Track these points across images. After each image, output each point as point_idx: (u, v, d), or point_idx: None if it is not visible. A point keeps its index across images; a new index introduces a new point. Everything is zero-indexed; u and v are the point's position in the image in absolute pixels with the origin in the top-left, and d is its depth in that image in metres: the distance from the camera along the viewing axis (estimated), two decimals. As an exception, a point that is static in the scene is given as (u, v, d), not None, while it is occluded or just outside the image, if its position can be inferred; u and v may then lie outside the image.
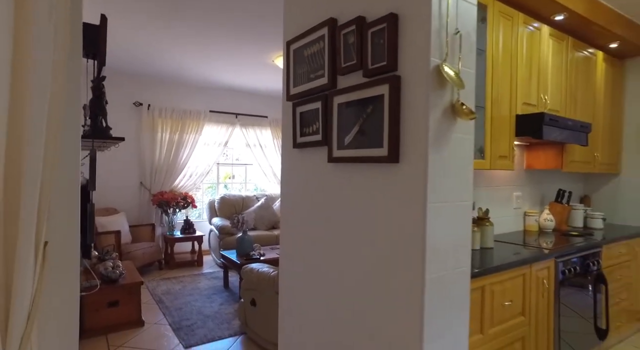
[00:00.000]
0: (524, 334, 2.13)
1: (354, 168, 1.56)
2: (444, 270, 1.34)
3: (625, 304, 3.04)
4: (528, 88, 2.63)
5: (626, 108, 3.67)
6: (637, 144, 3.59)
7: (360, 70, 1.51)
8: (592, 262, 2.64)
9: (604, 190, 3.80)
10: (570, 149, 3.07)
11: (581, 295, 2.56)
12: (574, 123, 2.75)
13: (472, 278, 1.76)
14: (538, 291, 2.21)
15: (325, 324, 1.73)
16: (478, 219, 2.43)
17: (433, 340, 1.32)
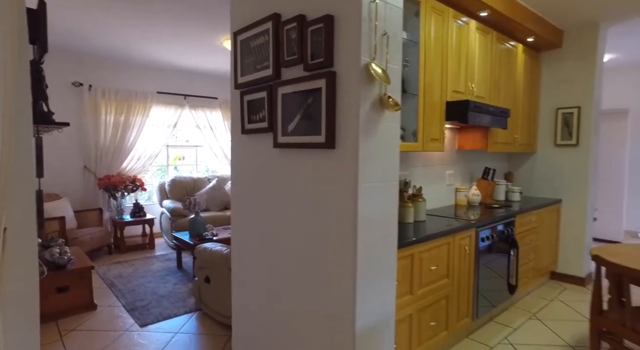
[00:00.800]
0: (448, 293, 2.48)
1: (297, 153, 1.74)
2: (374, 240, 1.58)
3: (533, 264, 3.55)
4: (457, 77, 2.93)
5: (542, 95, 4.14)
6: (549, 126, 4.08)
7: (301, 64, 1.67)
8: (507, 230, 3.06)
9: (523, 167, 4.31)
10: (494, 131, 3.46)
11: (497, 258, 2.97)
12: (495, 109, 3.11)
13: (403, 247, 2.04)
14: (461, 256, 2.57)
15: (274, 293, 1.93)
16: (412, 196, 2.72)
17: (364, 300, 1.57)
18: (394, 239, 1.69)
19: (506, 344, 2.71)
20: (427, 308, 2.31)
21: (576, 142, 3.89)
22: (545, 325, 3.01)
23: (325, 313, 1.65)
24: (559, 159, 4.03)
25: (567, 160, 3.98)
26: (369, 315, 1.60)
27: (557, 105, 4.03)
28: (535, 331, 2.90)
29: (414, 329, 2.22)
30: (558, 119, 4.01)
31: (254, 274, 2.08)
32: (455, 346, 2.66)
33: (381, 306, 1.67)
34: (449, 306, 2.50)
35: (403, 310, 2.12)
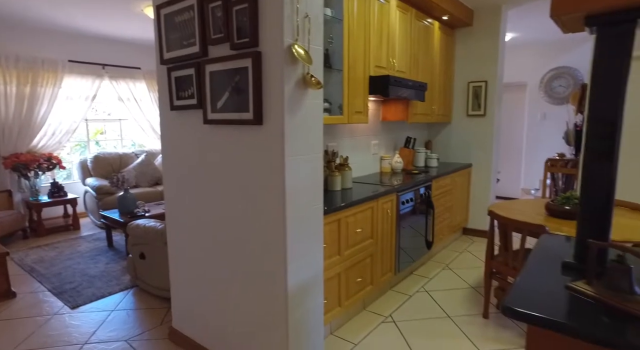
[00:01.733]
0: (372, 252, 2.77)
1: (227, 129, 1.82)
2: (301, 208, 1.75)
3: (447, 222, 4.04)
4: (379, 53, 3.12)
5: (456, 69, 4.53)
6: (462, 99, 4.52)
7: (228, 42, 1.72)
8: (425, 193, 3.43)
9: (440, 135, 4.75)
10: (414, 103, 3.76)
11: (416, 219, 3.35)
12: (413, 83, 3.38)
13: (330, 213, 2.24)
14: (384, 219, 2.86)
15: (209, 261, 2.04)
16: (340, 165, 2.93)
17: (295, 260, 1.75)
18: (320, 206, 1.88)
19: (422, 291, 3.12)
20: (354, 266, 2.59)
21: (484, 113, 4.37)
22: (455, 273, 3.49)
23: (259, 274, 1.81)
24: (470, 128, 4.51)
25: (477, 129, 4.46)
26: (299, 273, 1.79)
27: (468, 79, 4.45)
28: (447, 279, 3.36)
29: (343, 285, 2.48)
30: (469, 92, 4.45)
31: (191, 246, 2.16)
32: (380, 298, 3.01)
33: (310, 266, 1.86)
34: (374, 263, 2.80)
35: (332, 269, 2.36)
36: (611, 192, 1.26)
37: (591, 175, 1.28)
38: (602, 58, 1.17)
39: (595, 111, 1.24)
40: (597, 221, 1.29)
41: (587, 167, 1.29)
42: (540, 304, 1.07)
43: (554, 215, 2.61)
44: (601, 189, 1.27)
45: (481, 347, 2.34)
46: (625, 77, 1.15)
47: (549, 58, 5.98)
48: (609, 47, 1.12)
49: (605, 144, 1.23)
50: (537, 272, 1.30)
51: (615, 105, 1.20)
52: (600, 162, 1.26)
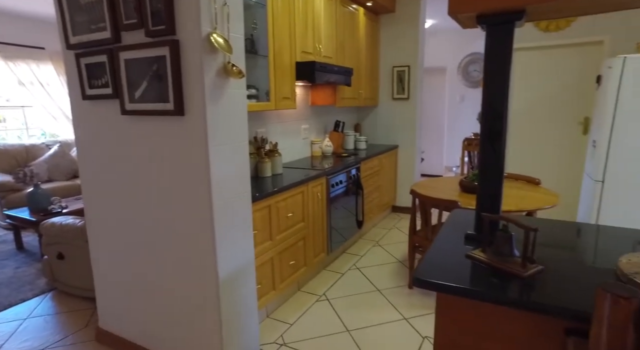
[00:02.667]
0: (304, 235, 2.86)
1: (148, 120, 1.75)
2: (228, 197, 1.75)
3: (377, 201, 4.27)
4: (305, 39, 3.14)
5: (381, 54, 4.71)
6: (387, 82, 4.72)
7: (142, 29, 1.63)
8: (354, 175, 3.59)
9: (368, 118, 4.94)
10: (341, 88, 3.86)
11: (347, 200, 3.49)
12: (339, 68, 3.46)
13: (260, 199, 2.27)
14: (314, 202, 2.95)
15: (135, 256, 1.98)
16: (269, 151, 2.95)
17: (225, 250, 1.76)
18: (247, 194, 1.90)
19: (354, 269, 3.30)
20: (287, 250, 2.66)
21: (407, 96, 4.62)
22: (384, 249, 3.73)
23: (189, 267, 1.80)
24: (395, 111, 4.75)
25: (401, 112, 4.71)
26: (230, 263, 1.81)
27: (393, 63, 4.65)
28: (377, 255, 3.59)
29: (276, 269, 2.55)
30: (394, 76, 4.66)
31: (114, 242, 2.07)
32: (314, 278, 3.14)
33: (241, 254, 1.89)
34: (306, 246, 2.90)
35: (265, 255, 2.41)
36: (500, 169, 1.44)
37: (484, 155, 1.45)
38: (491, 50, 1.32)
39: (487, 96, 1.40)
40: (490, 196, 1.48)
41: (481, 147, 1.46)
42: (445, 273, 1.21)
43: (466, 191, 2.89)
44: (492, 167, 1.45)
45: (406, 314, 2.56)
46: (508, 67, 1.32)
47: (465, 44, 6.44)
48: (495, 42, 1.27)
49: (495, 126, 1.40)
50: (446, 244, 1.46)
51: (502, 91, 1.36)
52: (491, 142, 1.43)
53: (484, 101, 1.43)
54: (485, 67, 1.39)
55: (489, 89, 1.40)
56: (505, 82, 1.36)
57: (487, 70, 1.38)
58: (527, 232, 1.21)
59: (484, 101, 1.43)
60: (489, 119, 1.42)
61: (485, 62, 1.38)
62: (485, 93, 1.42)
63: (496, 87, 1.38)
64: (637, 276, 1.13)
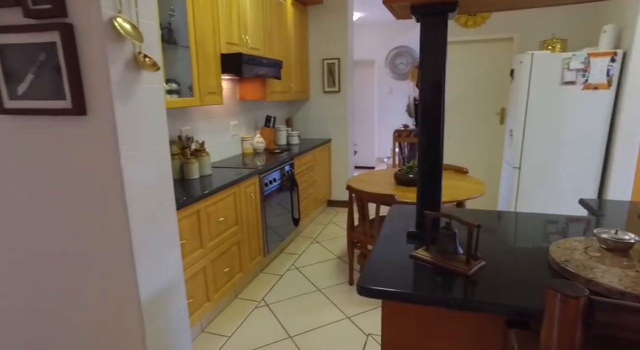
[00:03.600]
0: (239, 238, 2.68)
1: (37, 120, 1.45)
2: (148, 209, 1.53)
3: (312, 197, 4.20)
4: (230, 29, 2.92)
5: (310, 46, 4.61)
6: (318, 75, 4.65)
7: (19, 7, 1.33)
8: (288, 172, 3.47)
9: (300, 112, 4.83)
10: (271, 81, 3.70)
11: (282, 197, 3.37)
12: (268, 61, 3.30)
13: (187, 205, 2.05)
14: (248, 203, 2.78)
15: (34, 286, 1.67)
16: (196, 151, 2.71)
17: (147, 269, 1.54)
18: (171, 202, 1.69)
19: (293, 269, 3.20)
20: (221, 256, 2.47)
21: (338, 89, 4.59)
22: (323, 245, 3.68)
23: (104, 294, 1.55)
24: (327, 104, 4.69)
25: (333, 105, 4.67)
26: (154, 284, 1.59)
27: (322, 56, 4.58)
28: (315, 252, 3.52)
29: (210, 279, 2.35)
30: (324, 69, 4.59)
31: (9, 275, 1.72)
32: (251, 283, 2.98)
33: (167, 271, 1.68)
34: (241, 250, 2.72)
35: (196, 265, 2.20)
36: (439, 163, 1.42)
37: (423, 148, 1.42)
38: (426, 42, 1.28)
39: (423, 87, 1.36)
40: (430, 192, 1.45)
41: (420, 140, 1.42)
42: (389, 278, 1.15)
43: (401, 184, 2.92)
44: (431, 160, 1.42)
45: (348, 312, 2.53)
46: (443, 57, 1.28)
47: (392, 37, 6.59)
48: (429, 33, 1.22)
49: (433, 117, 1.37)
50: (388, 243, 1.41)
51: (438, 82, 1.33)
52: (429, 133, 1.40)
53: (421, 92, 1.39)
54: (420, 59, 1.35)
55: (425, 80, 1.37)
56: (440, 73, 1.33)
57: (422, 62, 1.34)
58: (471, 229, 1.19)
59: (421, 92, 1.39)
60: (426, 109, 1.38)
61: (420, 54, 1.33)
62: (421, 84, 1.38)
63: (432, 78, 1.35)
64: (568, 264, 1.17)
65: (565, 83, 3.17)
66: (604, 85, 3.10)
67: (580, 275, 1.10)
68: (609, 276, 1.09)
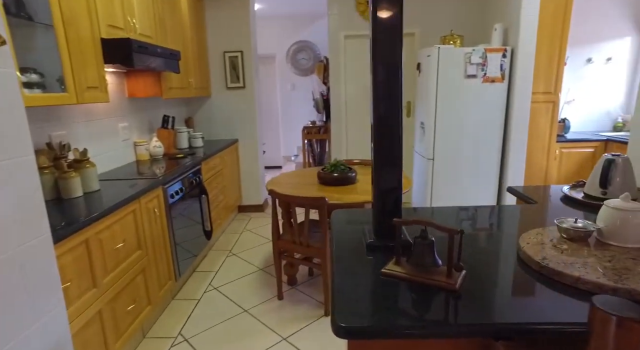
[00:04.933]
0: (144, 265, 2.19)
1: None
2: (5, 252, 1.04)
3: (223, 204, 3.79)
4: (111, 8, 2.36)
5: (209, 38, 4.15)
6: (220, 70, 4.21)
7: None
8: (195, 179, 3.01)
9: (201, 111, 4.33)
10: (167, 76, 3.17)
11: (190, 209, 2.91)
12: (163, 50, 2.80)
13: (70, 234, 1.54)
14: (151, 221, 2.29)
15: None
16: (76, 162, 2.12)
17: (9, 341, 1.05)
18: (45, 236, 1.20)
19: (211, 290, 2.78)
20: (122, 292, 1.96)
21: (243, 85, 4.22)
22: (241, 258, 3.31)
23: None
24: (232, 102, 4.28)
25: (238, 102, 4.28)
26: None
27: (223, 48, 4.15)
28: (234, 267, 3.13)
29: (109, 325, 1.84)
30: (226, 63, 4.17)
31: None
32: (163, 314, 2.49)
33: (46, 333, 1.19)
34: (148, 278, 2.24)
35: (89, 311, 1.69)
36: (399, 159, 1.23)
37: (380, 144, 1.22)
38: (378, 31, 1.07)
39: (377, 77, 1.16)
40: (389, 195, 1.26)
41: (376, 135, 1.22)
42: (370, 307, 0.91)
43: (326, 184, 2.73)
44: (389, 158, 1.23)
45: (283, 333, 2.24)
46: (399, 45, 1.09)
47: (293, 32, 6.40)
48: (381, 21, 1.01)
49: (390, 108, 1.18)
50: (348, 260, 1.17)
51: (396, 71, 1.14)
52: (386, 128, 1.21)
53: (375, 83, 1.18)
54: (372, 48, 1.15)
55: (377, 69, 1.16)
56: (397, 59, 1.14)
57: (377, 47, 1.14)
58: (451, 235, 1.02)
59: (375, 83, 1.18)
60: (381, 101, 1.18)
61: (372, 44, 1.13)
62: (375, 74, 1.18)
63: (388, 66, 1.15)
64: (549, 262, 1.08)
65: (468, 76, 3.34)
66: (499, 79, 3.34)
67: (566, 273, 1.01)
68: (591, 271, 1.02)
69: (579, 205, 1.69)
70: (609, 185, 1.72)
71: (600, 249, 1.16)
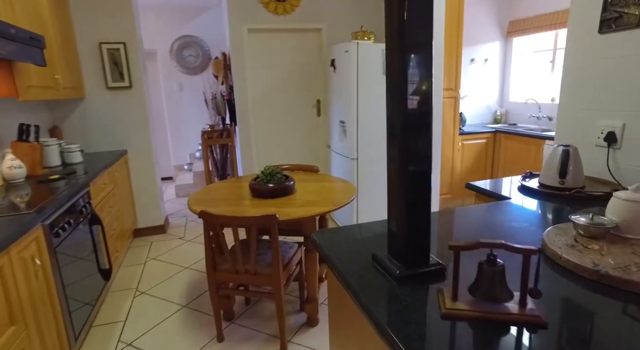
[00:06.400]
0: (23, 346, 1.49)
1: None
2: None
3: (117, 232, 3.04)
4: None
5: (77, 23, 3.28)
6: (96, 65, 3.37)
7: None
8: (84, 206, 2.29)
9: (73, 118, 3.42)
10: (24, 69, 2.34)
11: (79, 247, 2.19)
12: (19, 31, 2.01)
13: None
14: (29, 277, 1.59)
15: None
16: None
17: None
18: None
19: (124, 348, 2.12)
20: (-5, 396, 1.28)
21: (129, 84, 3.46)
22: (153, 295, 2.66)
23: None
24: (115, 104, 3.48)
25: (125, 105, 3.51)
26: None
27: (99, 39, 3.33)
28: (147, 309, 2.49)
29: None
30: (104, 57, 3.36)
31: None
32: (56, 400, 1.78)
33: None
34: (33, 359, 1.54)
35: None
36: (429, 174, 0.98)
37: (407, 158, 0.94)
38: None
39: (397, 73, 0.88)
40: (419, 211, 0.99)
41: (396, 141, 0.94)
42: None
43: (261, 196, 2.32)
44: (422, 175, 0.97)
45: (237, 388, 1.79)
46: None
47: (175, 25, 5.63)
48: None
49: (421, 108, 0.92)
50: (377, 302, 0.87)
51: (426, 59, 0.87)
52: (418, 141, 0.95)
53: (401, 74, 0.90)
54: (399, 33, 0.86)
55: (406, 57, 0.89)
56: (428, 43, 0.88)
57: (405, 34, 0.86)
58: (527, 256, 0.80)
59: (401, 74, 0.90)
60: (411, 96, 0.91)
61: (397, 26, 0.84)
62: (403, 62, 0.89)
63: (418, 55, 0.88)
64: (602, 268, 0.95)
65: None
66: (414, 75, 3.37)
67: (623, 278, 0.90)
68: (629, 270, 0.93)
69: (550, 197, 1.68)
70: (567, 175, 1.77)
71: (627, 245, 1.09)
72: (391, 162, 1.00)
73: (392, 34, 0.93)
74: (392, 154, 1.00)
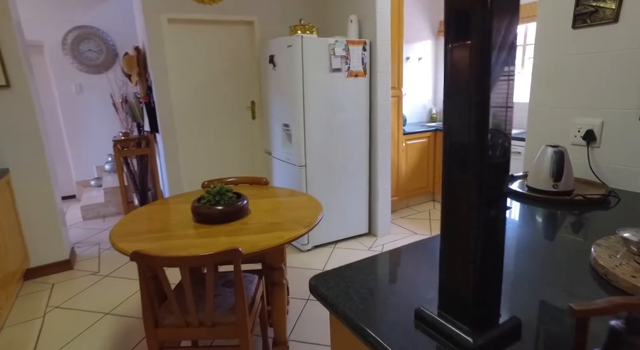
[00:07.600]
0: None
1: None
2: None
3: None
4: None
5: None
6: (-45, 58, 2.52)
7: None
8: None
9: None
10: None
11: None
12: None
13: None
14: None
15: None
16: None
17: None
18: None
19: None
20: None
21: (7, 83, 2.66)
22: (60, 361, 2.00)
23: None
24: (-15, 110, 2.65)
25: (2, 109, 2.69)
26: None
27: (-45, 21, 2.49)
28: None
29: None
30: (-36, 46, 2.52)
31: None
32: None
33: None
34: None
35: None
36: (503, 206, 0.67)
37: (478, 187, 0.63)
38: None
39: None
40: (492, 262, 0.68)
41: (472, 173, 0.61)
42: None
43: (207, 221, 1.84)
44: (497, 210, 0.66)
45: None
46: None
47: (68, 12, 4.67)
48: None
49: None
50: None
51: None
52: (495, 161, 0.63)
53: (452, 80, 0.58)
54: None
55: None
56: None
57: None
58: None
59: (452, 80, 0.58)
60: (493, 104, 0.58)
61: None
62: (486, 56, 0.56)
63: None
64: None
65: (333, 70, 2.98)
66: (362, 73, 3.13)
67: None
68: None
69: (546, 202, 1.50)
70: (562, 177, 1.63)
71: None
72: (457, 200, 0.66)
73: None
74: (461, 193, 0.66)
